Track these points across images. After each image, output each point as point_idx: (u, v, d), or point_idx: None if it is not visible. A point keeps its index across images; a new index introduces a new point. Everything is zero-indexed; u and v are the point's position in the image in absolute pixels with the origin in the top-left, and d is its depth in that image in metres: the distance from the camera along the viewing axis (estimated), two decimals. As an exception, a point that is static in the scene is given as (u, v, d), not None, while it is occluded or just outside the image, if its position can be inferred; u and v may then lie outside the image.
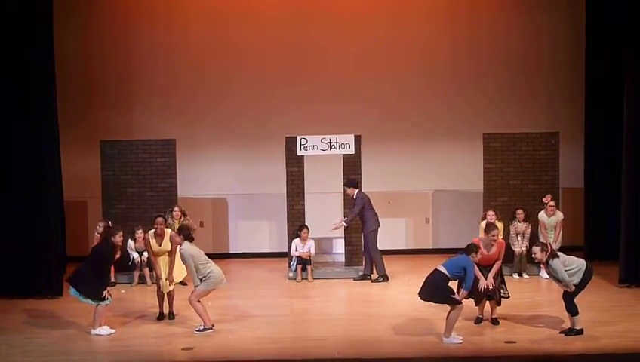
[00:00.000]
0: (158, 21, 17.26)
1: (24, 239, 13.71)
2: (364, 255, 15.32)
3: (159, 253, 12.51)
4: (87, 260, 11.78)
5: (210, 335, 11.45)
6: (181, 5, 17.32)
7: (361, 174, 15.47)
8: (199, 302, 11.64)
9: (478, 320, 11.95)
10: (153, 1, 17.29)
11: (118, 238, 11.64)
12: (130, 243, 14.79)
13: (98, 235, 13.14)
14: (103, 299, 11.55)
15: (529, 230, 15.14)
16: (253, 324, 12.10)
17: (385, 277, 14.99)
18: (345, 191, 15.23)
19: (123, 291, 14.48)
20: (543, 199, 15.07)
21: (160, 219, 12.78)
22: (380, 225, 15.05)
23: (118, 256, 12.16)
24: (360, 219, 15.09)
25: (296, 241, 15.24)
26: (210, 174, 17.49)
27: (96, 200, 15.66)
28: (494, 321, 11.92)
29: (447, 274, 10.94)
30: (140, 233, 14.61)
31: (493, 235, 11.64)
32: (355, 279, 15.13)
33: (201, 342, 11.21)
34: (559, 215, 14.95)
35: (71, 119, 15.86)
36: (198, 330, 11.60)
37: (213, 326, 11.65)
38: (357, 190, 15.06)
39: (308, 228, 15.29)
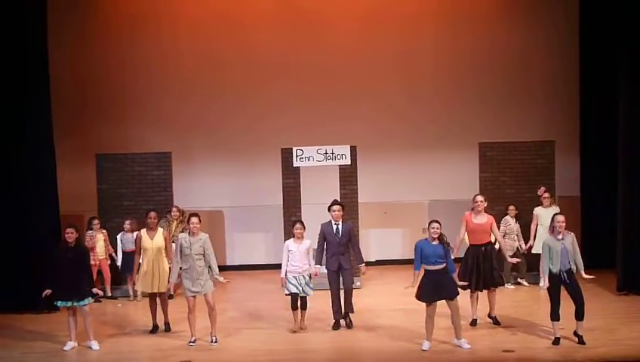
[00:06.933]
0: (149, 35, 17.39)
1: (21, 254, 13.67)
2: None
3: (150, 249, 12.33)
4: None
5: (206, 348, 11.39)
6: (172, 18, 17.42)
7: (357, 185, 15.42)
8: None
9: (474, 322, 12.04)
10: (145, 16, 17.40)
11: (65, 235, 11.44)
12: (119, 237, 14.77)
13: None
14: (92, 295, 11.49)
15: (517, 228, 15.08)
16: (249, 336, 12.06)
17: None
18: (339, 211, 12.37)
19: (120, 304, 14.49)
20: (538, 191, 15.05)
21: (153, 213, 12.57)
22: None
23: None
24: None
25: (289, 242, 12.33)
26: (206, 186, 17.50)
27: (92, 214, 15.58)
28: (495, 320, 12.08)
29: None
30: (128, 223, 14.62)
31: (476, 201, 11.95)
32: None
33: (198, 354, 11.16)
34: (557, 208, 14.58)
35: (66, 133, 15.79)
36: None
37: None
38: None
39: (303, 224, 12.35)
